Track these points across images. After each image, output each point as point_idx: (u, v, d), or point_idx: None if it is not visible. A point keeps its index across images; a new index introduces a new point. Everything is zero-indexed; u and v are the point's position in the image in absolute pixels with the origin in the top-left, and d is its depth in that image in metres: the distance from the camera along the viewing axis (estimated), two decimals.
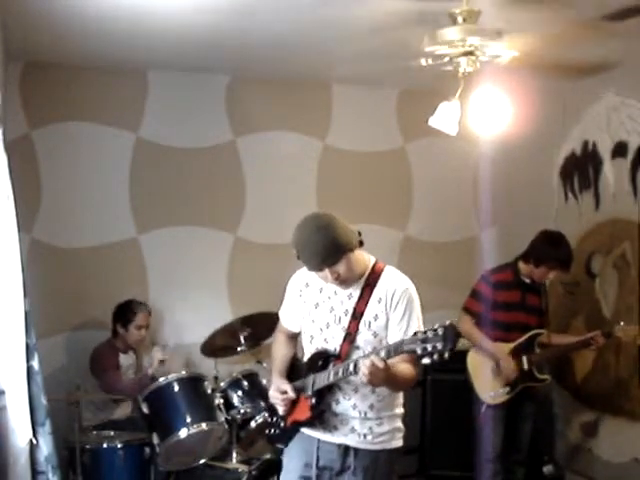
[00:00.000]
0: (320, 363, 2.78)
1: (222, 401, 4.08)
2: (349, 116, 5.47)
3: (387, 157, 5.60)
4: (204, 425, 3.94)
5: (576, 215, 5.06)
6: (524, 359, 4.26)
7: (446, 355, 2.36)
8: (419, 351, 2.40)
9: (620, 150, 4.70)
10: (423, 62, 3.37)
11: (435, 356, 2.36)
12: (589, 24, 3.69)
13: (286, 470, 2.92)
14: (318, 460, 2.79)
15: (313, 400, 2.76)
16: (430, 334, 2.38)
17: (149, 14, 3.68)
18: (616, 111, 4.72)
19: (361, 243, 2.71)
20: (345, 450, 2.77)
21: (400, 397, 2.88)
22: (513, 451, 4.38)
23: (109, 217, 4.98)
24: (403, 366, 2.66)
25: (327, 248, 2.60)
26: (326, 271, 2.65)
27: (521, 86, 3.98)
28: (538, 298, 4.38)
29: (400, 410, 2.87)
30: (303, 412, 2.79)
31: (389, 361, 2.52)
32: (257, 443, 4.25)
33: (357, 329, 2.72)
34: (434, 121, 3.50)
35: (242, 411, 4.10)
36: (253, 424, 4.09)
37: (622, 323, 4.28)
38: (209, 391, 4.08)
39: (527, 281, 4.32)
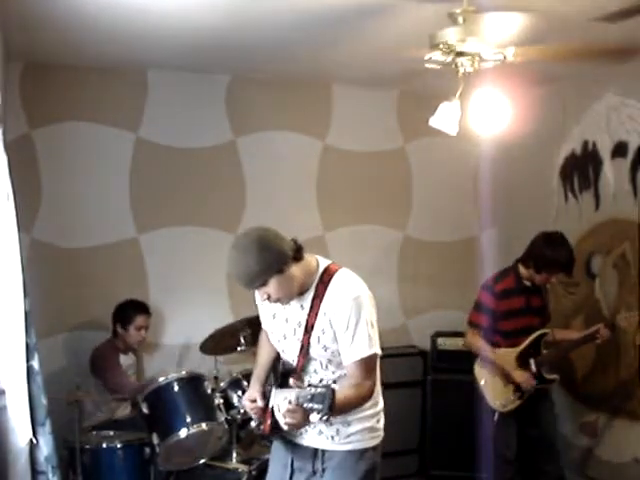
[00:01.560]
0: (280, 376, 2.77)
1: (222, 401, 4.08)
2: (349, 116, 5.48)
3: (387, 157, 5.60)
4: (204, 425, 3.94)
5: (576, 215, 5.06)
6: (532, 362, 4.24)
7: (324, 418, 2.42)
8: (307, 407, 2.42)
9: (620, 150, 4.71)
10: (423, 62, 3.37)
11: (318, 415, 2.41)
12: (588, 24, 3.69)
13: (269, 472, 2.95)
14: (293, 462, 2.82)
15: (271, 419, 2.74)
16: (317, 392, 2.40)
17: (149, 14, 3.68)
18: (616, 111, 4.72)
19: (297, 258, 2.62)
20: (315, 452, 2.76)
21: (374, 396, 2.77)
22: (542, 454, 4.35)
23: (109, 217, 4.98)
24: (347, 391, 2.61)
25: (249, 273, 2.55)
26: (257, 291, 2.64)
27: (521, 86, 3.98)
28: (540, 298, 4.37)
29: (373, 410, 2.78)
30: (267, 425, 2.78)
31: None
32: (257, 443, 4.25)
33: (309, 342, 2.68)
34: (434, 121, 3.49)
35: (242, 411, 4.09)
36: (253, 424, 4.08)
37: (623, 312, 4.30)
38: (209, 391, 4.07)
39: (528, 284, 4.28)
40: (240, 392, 4.16)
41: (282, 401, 2.55)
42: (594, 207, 4.93)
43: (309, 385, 2.48)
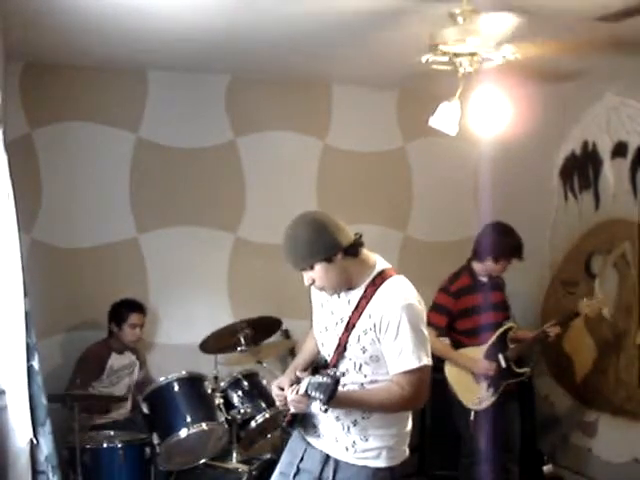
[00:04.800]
0: (311, 370, 2.74)
1: (222, 401, 4.08)
2: (349, 116, 5.47)
3: (387, 157, 5.60)
4: (204, 425, 3.94)
5: (576, 215, 5.06)
6: (500, 357, 4.21)
7: (323, 408, 2.44)
8: (312, 395, 2.42)
9: (620, 150, 4.71)
10: (423, 62, 3.37)
11: (318, 405, 2.43)
12: (589, 25, 3.69)
13: (280, 462, 2.88)
14: (301, 460, 2.74)
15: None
16: (323, 381, 2.40)
17: (149, 14, 3.68)
18: (616, 111, 4.73)
19: (352, 253, 2.57)
20: (326, 459, 2.68)
21: (402, 418, 2.70)
22: (505, 450, 4.33)
23: (109, 217, 4.98)
24: (377, 390, 2.58)
25: (296, 254, 2.56)
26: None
27: (521, 86, 3.99)
28: (500, 294, 4.36)
29: (397, 430, 2.68)
30: (288, 415, 2.74)
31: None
32: (257, 443, 4.25)
33: (347, 341, 2.61)
34: (434, 121, 3.50)
35: (242, 411, 4.10)
36: (253, 424, 4.09)
37: (585, 299, 4.33)
38: (209, 391, 4.08)
39: (485, 280, 4.29)
40: (240, 392, 4.17)
41: (290, 392, 2.54)
42: (594, 207, 4.93)
43: (322, 374, 2.45)
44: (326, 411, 2.47)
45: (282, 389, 2.72)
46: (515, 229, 4.29)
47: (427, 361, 2.58)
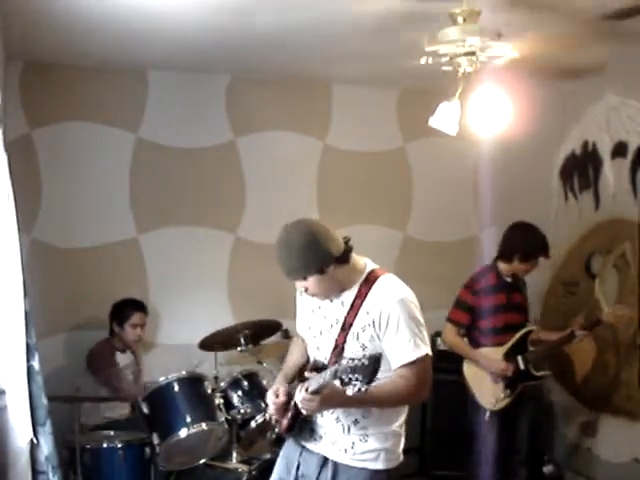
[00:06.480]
0: (314, 370, 2.70)
1: (222, 401, 4.08)
2: (349, 116, 5.47)
3: (387, 157, 5.60)
4: (204, 425, 3.95)
5: (576, 215, 5.06)
6: (519, 359, 4.24)
7: (363, 388, 2.28)
8: (346, 379, 2.31)
9: (620, 150, 4.71)
10: (423, 62, 3.37)
11: (356, 388, 2.28)
12: (589, 24, 3.69)
13: (275, 471, 2.86)
14: (298, 467, 2.73)
15: (292, 412, 2.69)
16: (359, 363, 2.29)
17: (149, 14, 3.68)
18: (616, 111, 4.72)
19: (343, 260, 2.59)
20: (324, 461, 2.67)
21: (399, 414, 2.72)
22: (513, 452, 4.35)
23: (109, 217, 4.98)
24: (382, 385, 2.53)
25: (289, 266, 2.56)
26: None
27: (521, 86, 3.98)
28: (521, 295, 4.38)
29: (395, 428, 2.69)
30: (283, 423, 2.73)
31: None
32: (257, 443, 4.25)
33: (345, 340, 2.62)
34: (434, 121, 3.49)
35: (242, 411, 4.10)
36: (253, 424, 4.09)
37: (609, 308, 4.35)
38: (209, 391, 4.08)
39: (509, 280, 4.30)
40: (240, 392, 4.17)
41: (299, 391, 2.53)
42: (594, 207, 4.93)
43: (348, 358, 2.37)
44: (366, 391, 2.32)
45: (277, 396, 2.72)
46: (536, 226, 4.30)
47: (428, 350, 2.61)
